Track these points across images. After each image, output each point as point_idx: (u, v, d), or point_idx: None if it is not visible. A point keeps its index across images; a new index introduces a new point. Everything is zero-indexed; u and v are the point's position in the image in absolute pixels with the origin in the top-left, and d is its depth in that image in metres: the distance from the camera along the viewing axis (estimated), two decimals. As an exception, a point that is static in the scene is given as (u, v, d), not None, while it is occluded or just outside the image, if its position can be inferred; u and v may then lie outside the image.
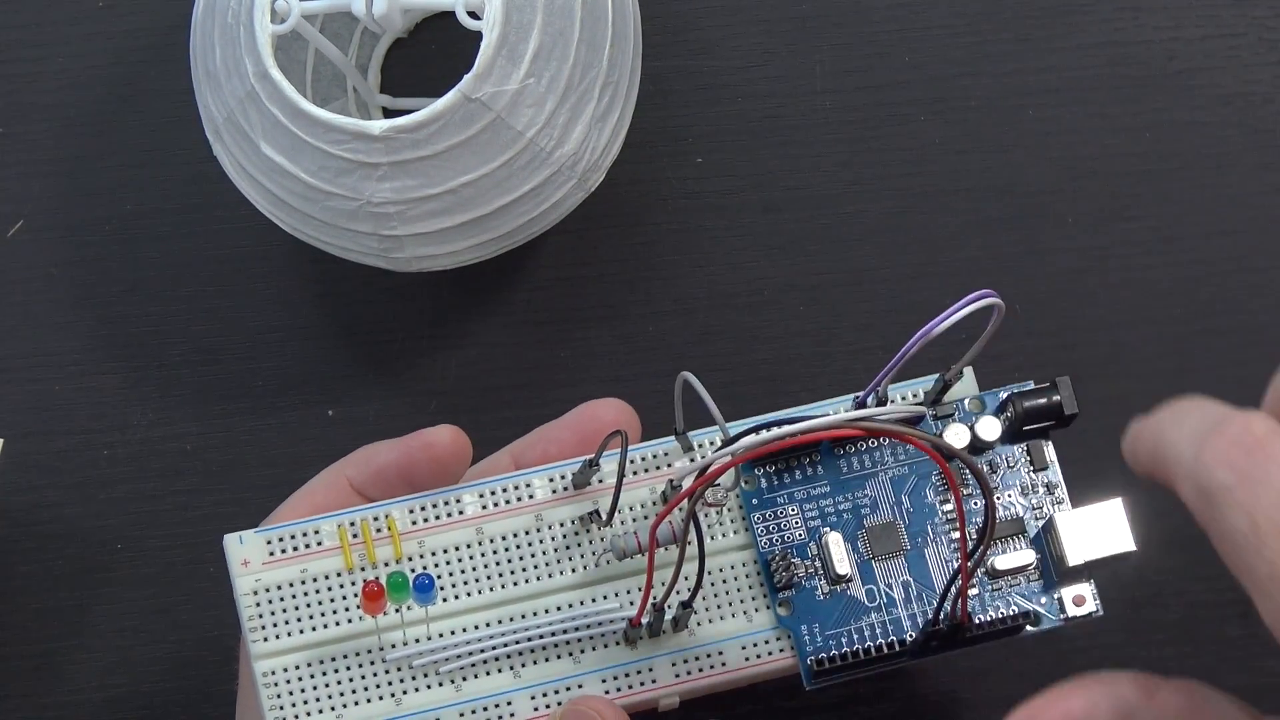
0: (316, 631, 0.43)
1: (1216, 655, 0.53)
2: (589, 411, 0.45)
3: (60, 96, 0.57)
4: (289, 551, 0.43)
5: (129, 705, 0.54)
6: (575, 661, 0.43)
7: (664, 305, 0.55)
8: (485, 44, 0.48)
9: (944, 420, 0.44)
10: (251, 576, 0.43)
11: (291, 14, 0.49)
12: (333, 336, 0.56)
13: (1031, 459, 0.44)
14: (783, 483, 0.44)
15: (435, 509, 0.43)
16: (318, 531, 0.43)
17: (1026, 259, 0.55)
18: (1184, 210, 0.55)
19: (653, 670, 0.43)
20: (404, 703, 0.42)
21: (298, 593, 0.43)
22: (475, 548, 0.43)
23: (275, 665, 0.43)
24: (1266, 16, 0.56)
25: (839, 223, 0.55)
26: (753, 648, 0.43)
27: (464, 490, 0.44)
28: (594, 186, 0.51)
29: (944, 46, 0.56)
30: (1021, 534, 0.44)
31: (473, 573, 0.43)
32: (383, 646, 0.43)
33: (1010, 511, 0.44)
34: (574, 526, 0.44)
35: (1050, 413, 0.43)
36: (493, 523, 0.43)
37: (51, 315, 0.56)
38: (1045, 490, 0.44)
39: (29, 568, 0.54)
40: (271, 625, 0.43)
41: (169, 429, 0.55)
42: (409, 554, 0.43)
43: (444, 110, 0.48)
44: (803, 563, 0.43)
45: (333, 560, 0.43)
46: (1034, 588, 0.43)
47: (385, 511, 0.43)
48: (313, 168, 0.49)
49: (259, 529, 0.43)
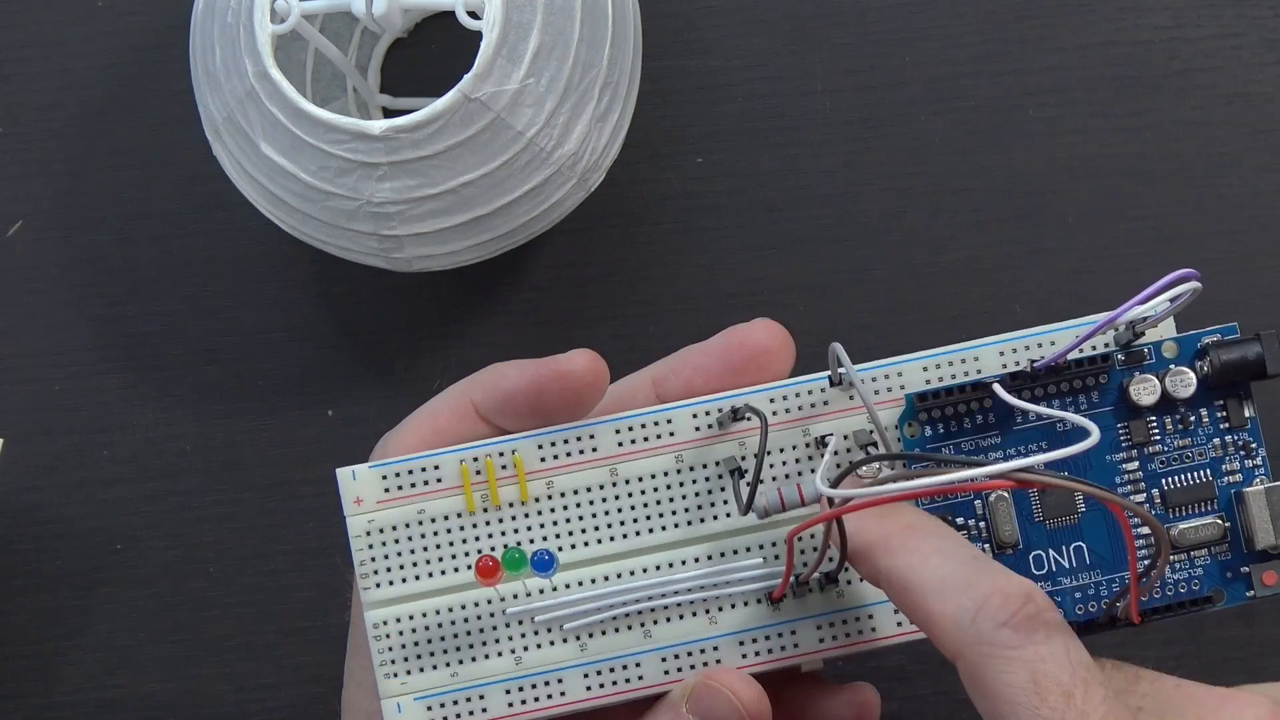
0: (433, 578, 0.40)
1: (1217, 655, 0.53)
2: (738, 336, 0.41)
3: (60, 96, 0.57)
4: (405, 489, 0.40)
5: (129, 705, 0.54)
6: (711, 622, 0.40)
7: (664, 305, 0.55)
8: (485, 44, 0.48)
9: (1132, 369, 0.40)
10: (365, 516, 0.40)
11: (291, 14, 0.49)
12: (333, 336, 0.56)
13: (1228, 415, 0.40)
14: (949, 431, 0.40)
15: (566, 445, 0.40)
16: (438, 467, 0.40)
17: (1026, 259, 0.55)
18: (1184, 210, 0.55)
19: (795, 634, 0.40)
20: (524, 661, 0.40)
21: (414, 535, 0.40)
22: (609, 489, 0.40)
23: (388, 615, 0.40)
24: (1267, 16, 0.56)
25: (839, 223, 0.55)
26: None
27: (599, 425, 0.40)
28: (594, 186, 0.51)
29: (944, 46, 0.56)
30: (1212, 500, 0.40)
31: (605, 517, 0.40)
32: (503, 598, 0.40)
33: (1199, 474, 0.40)
34: (717, 469, 0.40)
35: (1249, 368, 0.39)
36: (629, 463, 0.40)
37: (51, 315, 0.56)
38: (1241, 451, 0.40)
39: (29, 568, 0.54)
40: (385, 570, 0.40)
41: (169, 429, 0.55)
42: (535, 495, 0.40)
43: (444, 110, 0.48)
44: (967, 523, 0.40)
45: (453, 500, 0.40)
46: (1221, 561, 0.40)
47: (512, 447, 0.40)
48: (313, 168, 0.49)
49: (374, 463, 0.40)
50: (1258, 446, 0.41)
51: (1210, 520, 0.40)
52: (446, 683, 0.40)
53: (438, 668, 0.40)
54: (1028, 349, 0.41)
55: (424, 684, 0.40)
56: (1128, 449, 0.40)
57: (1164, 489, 0.40)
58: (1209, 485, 0.40)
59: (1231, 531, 0.40)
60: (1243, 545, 0.40)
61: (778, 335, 0.41)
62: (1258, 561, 0.40)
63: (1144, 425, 0.40)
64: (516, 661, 0.40)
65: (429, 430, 0.41)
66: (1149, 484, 0.40)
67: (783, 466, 0.41)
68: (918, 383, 0.41)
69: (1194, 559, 0.40)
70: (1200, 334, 0.41)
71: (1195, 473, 0.40)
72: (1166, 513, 0.40)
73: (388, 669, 0.40)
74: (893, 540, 0.37)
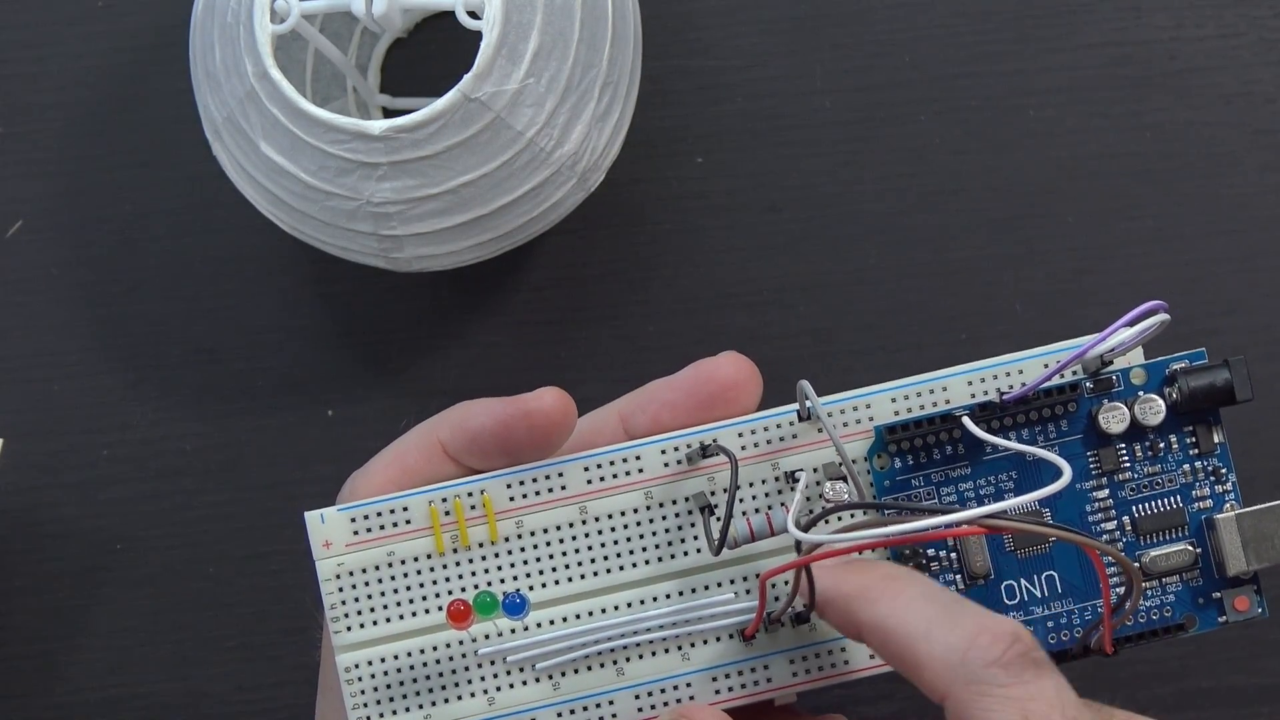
0: (405, 620, 0.40)
1: (1217, 655, 0.53)
2: (705, 370, 0.41)
3: (60, 96, 0.57)
4: (375, 531, 0.40)
5: (129, 705, 0.54)
6: (684, 658, 0.40)
7: (664, 305, 0.55)
8: (485, 44, 0.48)
9: (1101, 397, 0.40)
10: (334, 559, 0.40)
11: (291, 14, 0.49)
12: (333, 336, 0.56)
13: (1198, 441, 0.40)
14: (919, 462, 0.40)
15: (535, 484, 0.40)
16: (406, 509, 0.40)
17: (1026, 259, 0.55)
18: (1184, 210, 0.55)
19: (769, 669, 0.40)
20: (497, 701, 0.40)
21: (384, 577, 0.40)
22: (578, 527, 0.40)
23: (359, 659, 0.40)
24: (1267, 16, 0.56)
25: (839, 223, 0.55)
26: None
27: (567, 463, 0.40)
28: (594, 186, 0.51)
29: (944, 46, 0.56)
30: (1183, 526, 0.40)
31: (575, 555, 0.40)
32: (474, 639, 0.40)
33: (1170, 501, 0.40)
34: (687, 505, 0.40)
35: (1217, 395, 0.39)
36: (598, 500, 0.40)
37: (51, 315, 0.56)
38: (1211, 477, 0.40)
39: (29, 568, 0.54)
40: (355, 614, 0.40)
41: (169, 429, 0.55)
42: (505, 534, 0.40)
43: (444, 110, 0.48)
44: (938, 554, 0.40)
45: (422, 542, 0.40)
46: (1192, 588, 0.40)
47: (481, 487, 0.40)
48: (312, 167, 0.49)
49: (342, 506, 0.40)
50: (1228, 472, 0.40)
51: (1181, 547, 0.40)
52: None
53: (410, 709, 0.40)
54: (995, 378, 0.41)
55: None
56: (1098, 477, 0.40)
57: (1135, 516, 0.40)
58: (1179, 512, 0.40)
59: (1202, 558, 0.40)
60: (1214, 571, 0.40)
61: (744, 369, 0.41)
62: (1229, 587, 0.40)
63: (1114, 453, 0.40)
64: (490, 702, 0.40)
65: (397, 470, 0.41)
66: (1119, 511, 0.40)
67: (752, 500, 0.41)
68: (886, 414, 0.40)
69: (1165, 585, 0.40)
70: (1168, 360, 0.40)
71: (1166, 499, 0.40)
72: (1137, 539, 0.40)
73: (360, 712, 0.40)
74: (872, 590, 0.37)
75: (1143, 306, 0.38)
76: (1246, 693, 0.53)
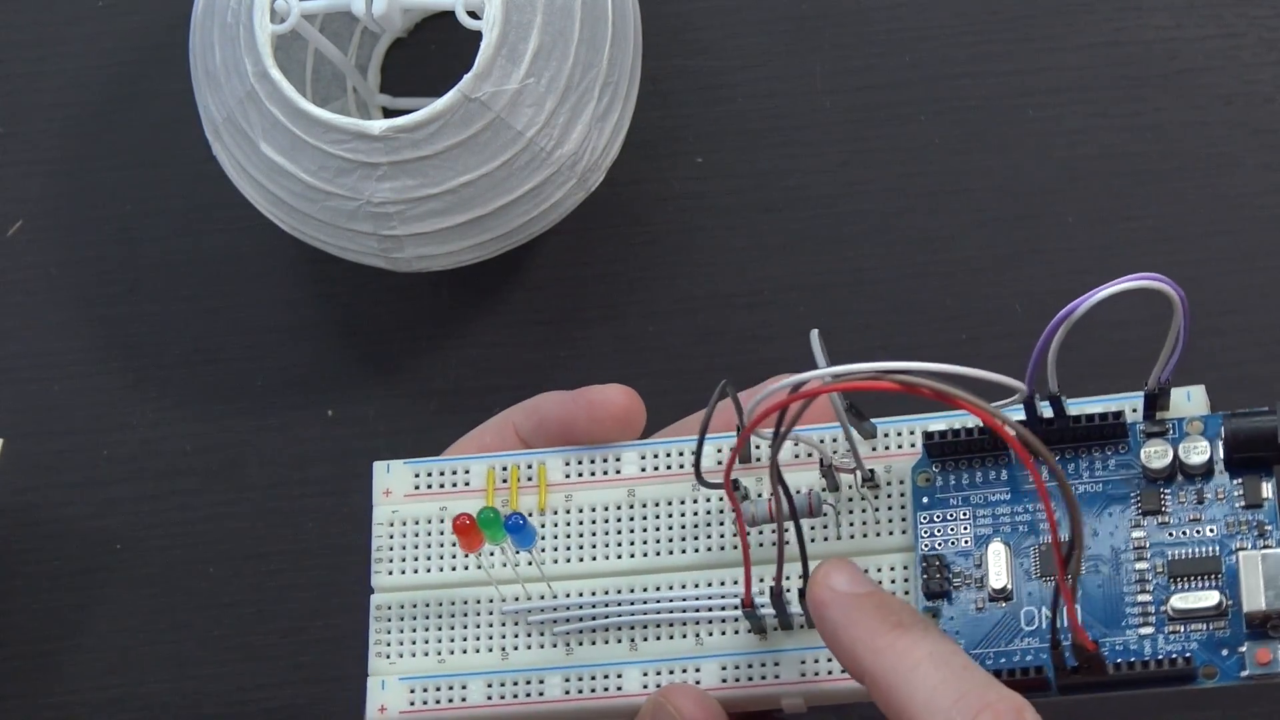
0: (442, 573, 0.41)
1: (1217, 655, 0.53)
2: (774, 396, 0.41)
3: (60, 96, 0.57)
4: (433, 487, 0.42)
5: (129, 705, 0.54)
6: (697, 642, 0.40)
7: (664, 305, 0.55)
8: (485, 44, 0.48)
9: (1152, 437, 0.40)
10: (389, 507, 0.42)
11: (291, 14, 0.49)
12: (333, 336, 0.55)
13: (1245, 492, 0.39)
14: (960, 484, 0.40)
15: (592, 464, 0.42)
16: (468, 471, 0.42)
17: (1026, 259, 0.55)
18: (1184, 210, 0.55)
19: (778, 665, 0.40)
20: (510, 658, 0.41)
21: (432, 530, 0.42)
22: (624, 510, 0.41)
23: (391, 600, 0.41)
24: (1267, 16, 0.56)
25: (839, 223, 0.55)
26: None
27: (627, 448, 0.42)
28: (594, 186, 0.51)
29: (944, 46, 0.56)
30: (1216, 574, 0.39)
31: (616, 535, 0.41)
32: (503, 599, 0.41)
33: (1207, 549, 0.39)
34: (722, 500, 0.41)
35: (1262, 440, 0.38)
36: (646, 486, 0.41)
37: (51, 315, 0.56)
38: (1254, 530, 0.39)
39: (29, 568, 0.54)
40: (399, 559, 0.42)
41: (169, 429, 0.55)
42: (554, 506, 0.41)
43: (444, 110, 0.48)
44: (962, 572, 0.40)
45: (475, 501, 0.41)
46: (1218, 637, 0.39)
47: (541, 459, 0.42)
48: (312, 168, 0.49)
49: (409, 460, 0.42)
50: (1273, 529, 0.39)
51: (1212, 594, 0.39)
52: (433, 668, 0.41)
53: (429, 655, 0.41)
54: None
55: (411, 667, 0.41)
56: (1137, 515, 0.40)
57: (1168, 558, 0.39)
58: (1215, 560, 0.39)
59: (1233, 610, 0.38)
60: (1241, 624, 0.38)
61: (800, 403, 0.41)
62: (1254, 639, 0.38)
63: (1156, 494, 0.39)
64: (503, 657, 0.41)
65: (474, 448, 0.43)
66: (1153, 552, 0.39)
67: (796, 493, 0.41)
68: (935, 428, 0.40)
69: (1190, 632, 0.39)
70: (1226, 414, 0.39)
71: (1203, 547, 0.39)
72: (1168, 583, 0.39)
73: (380, 649, 0.41)
74: (879, 639, 0.37)
75: (1147, 276, 0.38)
76: (1247, 693, 0.53)
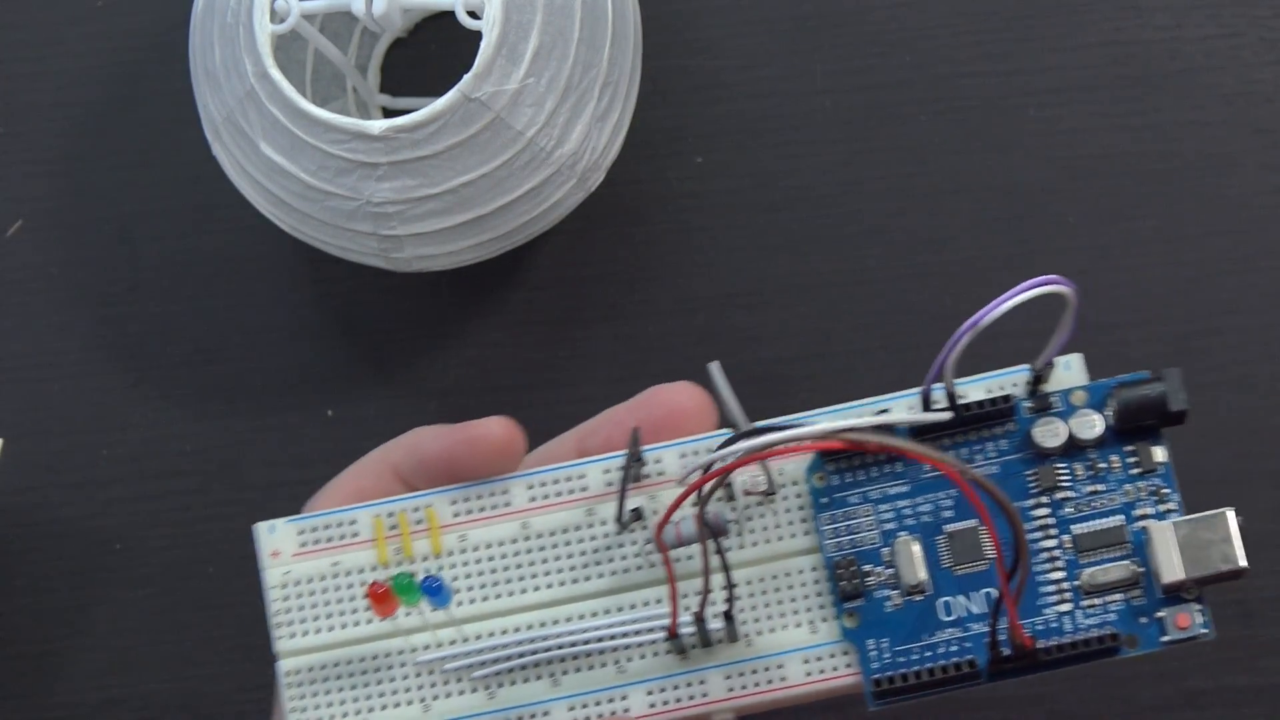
0: (346, 630, 0.41)
1: (1217, 655, 0.53)
2: (658, 396, 0.41)
3: (60, 96, 0.57)
4: (322, 543, 0.41)
5: (129, 705, 0.54)
6: (620, 670, 0.40)
7: (664, 305, 0.55)
8: (485, 44, 0.48)
9: (1038, 414, 0.40)
10: (281, 568, 0.41)
11: (291, 14, 0.49)
12: (333, 336, 0.56)
13: (1139, 459, 0.39)
14: (857, 480, 0.40)
15: (480, 500, 0.41)
16: (354, 522, 0.41)
17: (1026, 259, 0.55)
18: (1184, 210, 0.55)
19: (704, 683, 0.40)
20: (432, 709, 0.40)
21: (329, 587, 0.41)
22: (520, 543, 0.41)
23: (300, 664, 0.40)
24: (1267, 16, 0.56)
25: (839, 223, 0.55)
26: (816, 662, 0.39)
27: (513, 480, 0.41)
28: (594, 186, 0.51)
29: (944, 46, 0.56)
30: (1121, 544, 0.39)
31: (516, 570, 0.40)
32: (414, 649, 0.40)
33: (1111, 519, 0.39)
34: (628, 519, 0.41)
35: (1152, 407, 0.39)
36: (540, 516, 0.41)
37: (51, 315, 0.56)
38: (1153, 496, 0.39)
39: (29, 568, 0.54)
40: (300, 621, 0.41)
41: (169, 429, 0.55)
42: (449, 549, 0.41)
43: (444, 110, 0.48)
44: (874, 570, 0.39)
45: (367, 553, 0.41)
46: (1135, 606, 0.39)
47: (427, 502, 0.41)
48: (312, 167, 0.49)
49: (291, 518, 0.41)
50: (1170, 491, 0.39)
51: (1122, 564, 0.39)
52: None
53: (348, 716, 0.40)
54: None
55: None
56: (1037, 495, 0.40)
57: (1074, 534, 0.39)
58: (1120, 529, 0.39)
59: (1145, 577, 0.39)
60: (1156, 590, 0.39)
61: (698, 398, 0.41)
62: (1171, 604, 0.39)
63: (1052, 471, 0.40)
64: (425, 709, 0.40)
65: (352, 492, 0.42)
66: (1060, 529, 0.39)
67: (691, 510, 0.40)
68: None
69: (1107, 604, 0.39)
70: (1110, 381, 0.40)
71: (1107, 517, 0.39)
72: (1077, 558, 0.39)
73: (298, 715, 0.40)
74: None
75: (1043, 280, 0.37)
76: (1246, 693, 0.53)
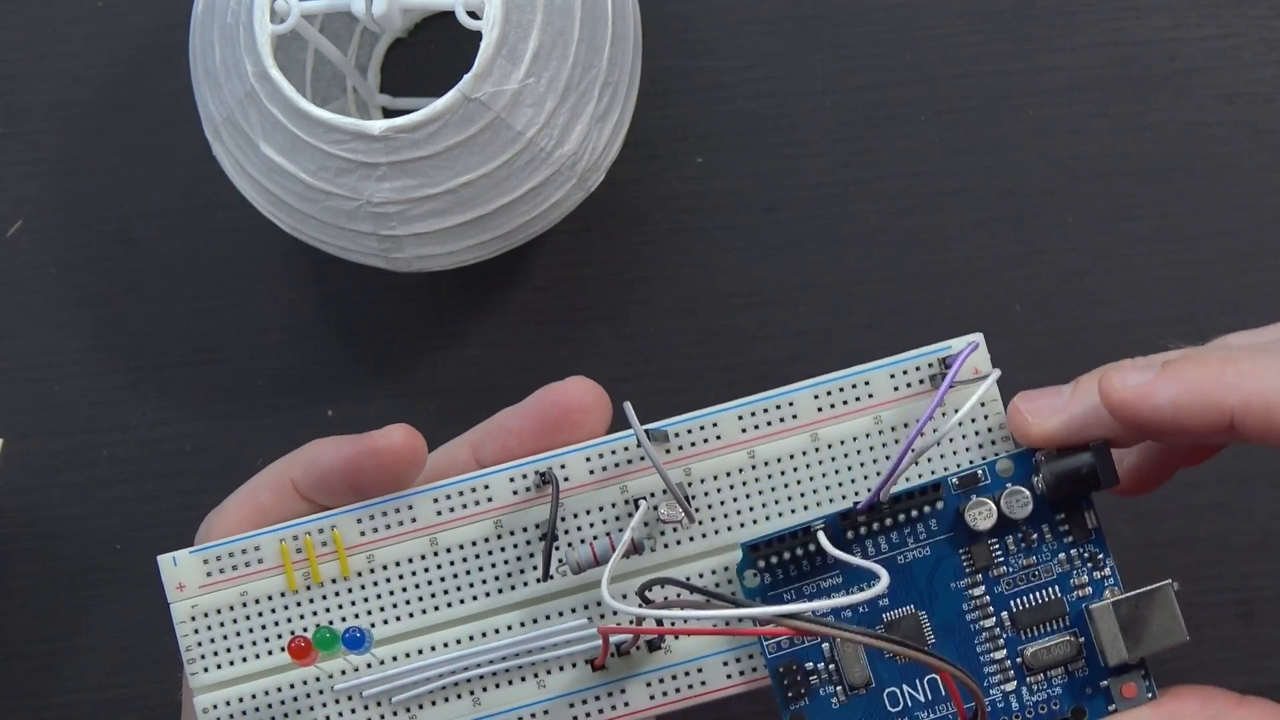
0: (260, 660, 0.40)
1: (1216, 655, 0.53)
2: (551, 396, 0.40)
3: (60, 96, 0.57)
4: (227, 572, 0.40)
5: (129, 705, 0.54)
6: (540, 685, 0.40)
7: (664, 305, 0.55)
8: (485, 44, 0.48)
9: (968, 492, 0.39)
10: (188, 602, 0.40)
11: (291, 14, 0.49)
12: (333, 336, 0.56)
13: (1071, 529, 0.39)
14: (789, 575, 0.39)
15: (385, 518, 0.40)
16: (258, 548, 0.40)
17: (1026, 259, 0.55)
18: (1184, 210, 0.55)
19: (625, 693, 0.40)
20: None
21: (238, 617, 0.40)
22: (430, 559, 0.40)
23: (217, 699, 0.40)
24: (1267, 16, 0.56)
25: (839, 223, 0.55)
26: (735, 664, 0.40)
27: (417, 495, 0.40)
28: (594, 186, 0.51)
29: (944, 46, 0.56)
30: (1063, 616, 0.39)
31: (428, 587, 0.40)
32: (330, 675, 0.40)
33: (1048, 592, 0.39)
34: (537, 531, 0.40)
35: (1083, 481, 0.38)
36: (448, 531, 0.40)
37: (51, 315, 0.56)
38: (1088, 563, 0.39)
39: (29, 568, 0.54)
40: (212, 655, 0.40)
41: (169, 429, 0.55)
42: (357, 570, 0.40)
43: (444, 110, 0.48)
44: (816, 667, 0.39)
45: (275, 580, 0.40)
46: (1079, 678, 0.39)
47: (331, 523, 0.40)
48: (312, 168, 0.49)
49: (194, 548, 0.40)
50: (1104, 557, 0.39)
51: (1063, 638, 0.39)
52: None
53: None
54: (841, 390, 0.40)
55: None
56: (971, 574, 0.39)
57: (1013, 610, 0.39)
58: (1059, 602, 0.39)
59: (1086, 646, 0.39)
60: (1100, 659, 0.39)
61: (590, 393, 0.40)
62: (1115, 675, 0.39)
63: (985, 549, 0.39)
64: None
65: (251, 509, 0.41)
66: (997, 607, 0.39)
67: (602, 525, 0.40)
68: (734, 433, 0.40)
69: (1050, 679, 0.39)
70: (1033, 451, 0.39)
71: (1043, 591, 0.39)
72: (1017, 634, 0.39)
73: None
74: (1226, 375, 0.36)
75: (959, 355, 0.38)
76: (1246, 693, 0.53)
